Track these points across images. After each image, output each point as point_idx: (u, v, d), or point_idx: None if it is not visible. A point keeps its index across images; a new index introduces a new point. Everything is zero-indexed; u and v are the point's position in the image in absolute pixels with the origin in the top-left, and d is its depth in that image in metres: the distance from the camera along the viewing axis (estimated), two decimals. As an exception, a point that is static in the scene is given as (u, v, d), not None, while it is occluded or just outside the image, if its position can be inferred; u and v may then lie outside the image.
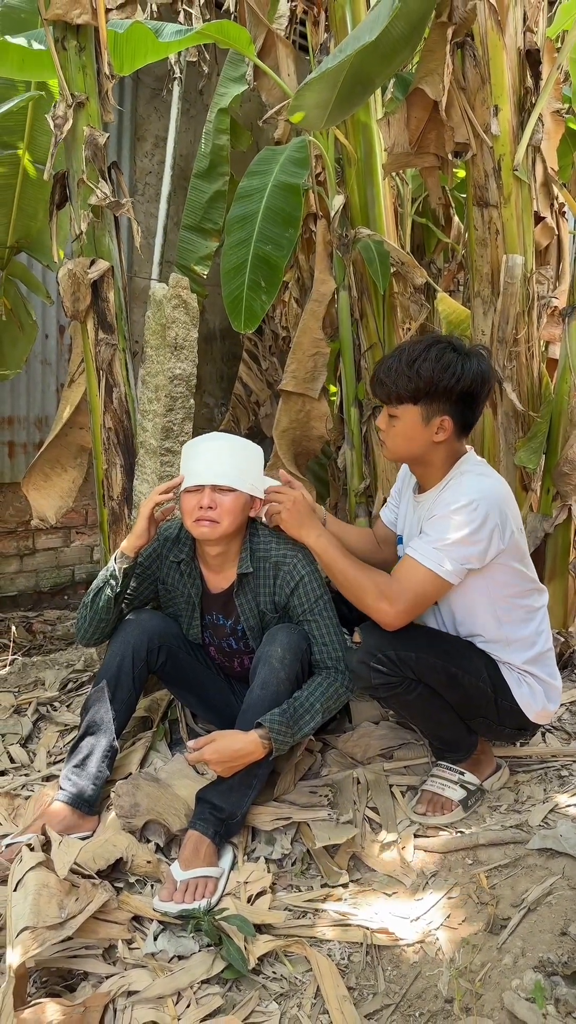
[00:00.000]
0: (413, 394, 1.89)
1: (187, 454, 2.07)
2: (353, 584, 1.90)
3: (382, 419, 1.99)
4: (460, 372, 1.87)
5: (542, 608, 2.02)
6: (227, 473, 1.99)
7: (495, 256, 2.79)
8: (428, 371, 1.87)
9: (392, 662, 1.87)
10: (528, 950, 1.55)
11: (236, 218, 2.88)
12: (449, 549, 1.83)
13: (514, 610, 1.96)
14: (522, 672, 1.97)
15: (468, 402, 1.93)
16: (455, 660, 1.91)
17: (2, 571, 4.34)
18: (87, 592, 2.16)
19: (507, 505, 1.90)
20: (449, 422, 1.92)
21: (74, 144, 2.62)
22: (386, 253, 3.09)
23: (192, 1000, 1.54)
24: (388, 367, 1.92)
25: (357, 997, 1.55)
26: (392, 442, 1.98)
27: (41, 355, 4.30)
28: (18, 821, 2.07)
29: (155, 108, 4.66)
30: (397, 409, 1.93)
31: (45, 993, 1.54)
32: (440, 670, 1.89)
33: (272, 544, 2.09)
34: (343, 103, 2.48)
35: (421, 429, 1.92)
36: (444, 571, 1.83)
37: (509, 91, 2.75)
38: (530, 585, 1.98)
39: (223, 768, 1.87)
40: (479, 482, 1.90)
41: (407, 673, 1.88)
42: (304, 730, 1.95)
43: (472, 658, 1.95)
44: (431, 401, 1.90)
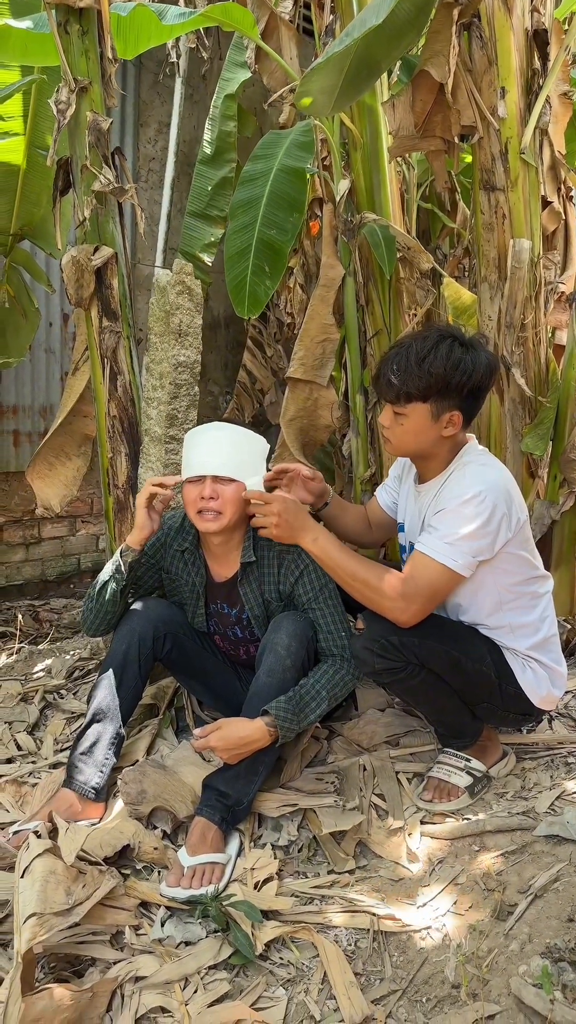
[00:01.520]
0: (424, 393, 1.86)
1: (188, 444, 2.05)
2: (362, 585, 1.87)
3: (386, 416, 1.95)
4: (471, 368, 1.85)
5: (547, 594, 2.01)
6: (228, 464, 1.98)
7: (502, 241, 2.77)
8: (439, 369, 1.83)
9: (395, 648, 1.87)
10: (535, 936, 1.55)
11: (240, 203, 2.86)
12: (461, 543, 1.82)
13: (519, 597, 1.95)
14: (526, 658, 1.96)
15: (477, 395, 1.91)
16: (458, 646, 1.91)
17: (8, 560, 4.34)
18: (92, 584, 2.16)
19: (512, 493, 1.88)
20: (459, 416, 1.90)
21: (77, 130, 2.60)
22: (392, 238, 3.07)
23: (199, 985, 1.54)
24: (397, 367, 1.87)
25: (364, 983, 1.55)
26: (399, 440, 1.95)
27: (45, 344, 4.29)
28: (25, 808, 2.08)
29: (158, 94, 4.63)
30: (406, 408, 1.89)
31: (53, 978, 1.55)
32: (443, 655, 1.89)
33: None
34: (350, 88, 2.45)
35: (430, 426, 1.90)
36: (457, 565, 1.82)
37: (516, 73, 2.72)
38: (535, 572, 1.97)
39: (229, 755, 1.87)
40: (484, 472, 1.88)
41: (410, 658, 1.88)
42: (310, 717, 1.95)
43: (476, 644, 1.94)
44: (441, 398, 1.87)
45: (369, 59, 2.36)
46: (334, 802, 2.00)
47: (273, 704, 1.89)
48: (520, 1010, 1.42)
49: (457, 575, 1.83)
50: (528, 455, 2.78)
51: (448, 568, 1.82)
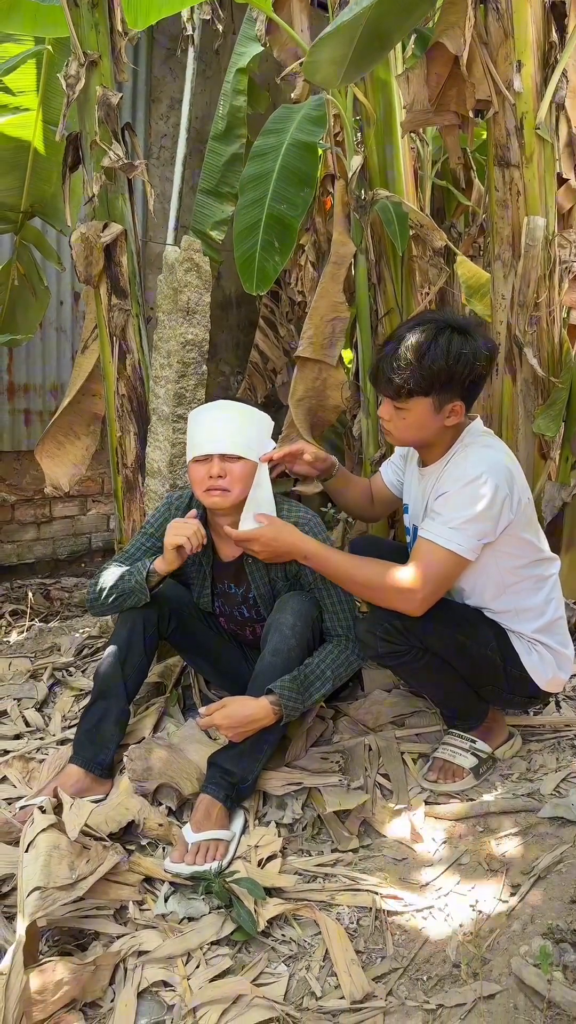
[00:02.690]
0: (426, 389, 1.83)
1: (193, 423, 2.04)
2: (363, 586, 1.86)
3: (385, 410, 1.92)
4: (472, 359, 1.81)
5: (552, 577, 1.98)
6: (234, 441, 1.97)
7: (516, 218, 2.73)
8: (441, 364, 1.80)
9: (399, 631, 1.86)
10: (537, 917, 1.55)
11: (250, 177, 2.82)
12: (465, 527, 1.79)
13: (523, 579, 1.93)
14: (532, 641, 1.95)
15: (478, 383, 1.88)
16: (463, 629, 1.90)
17: (20, 539, 4.36)
18: (98, 576, 2.14)
19: (514, 474, 1.86)
20: (461, 406, 1.87)
21: (87, 104, 2.58)
22: (405, 215, 3.03)
23: (202, 960, 1.55)
24: (394, 364, 1.83)
25: (365, 960, 1.56)
26: (401, 433, 1.93)
27: (56, 322, 4.28)
28: (32, 784, 2.09)
29: (170, 69, 4.58)
30: (407, 403, 1.86)
31: (57, 952, 1.56)
32: (448, 639, 1.88)
33: (284, 510, 2.08)
34: (360, 59, 2.41)
35: (433, 418, 1.87)
36: (462, 549, 1.79)
37: (533, 46, 2.67)
38: (539, 555, 1.95)
39: (234, 733, 1.88)
40: (485, 454, 1.86)
41: (414, 642, 1.87)
42: (314, 696, 1.95)
43: (480, 627, 1.93)
44: (443, 391, 1.84)
45: (380, 29, 2.31)
46: (339, 781, 2.01)
47: (278, 683, 1.89)
48: (520, 990, 1.42)
49: (463, 559, 1.81)
50: (540, 436, 2.76)
51: (454, 553, 1.80)
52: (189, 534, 1.98)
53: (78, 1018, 1.43)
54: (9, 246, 3.69)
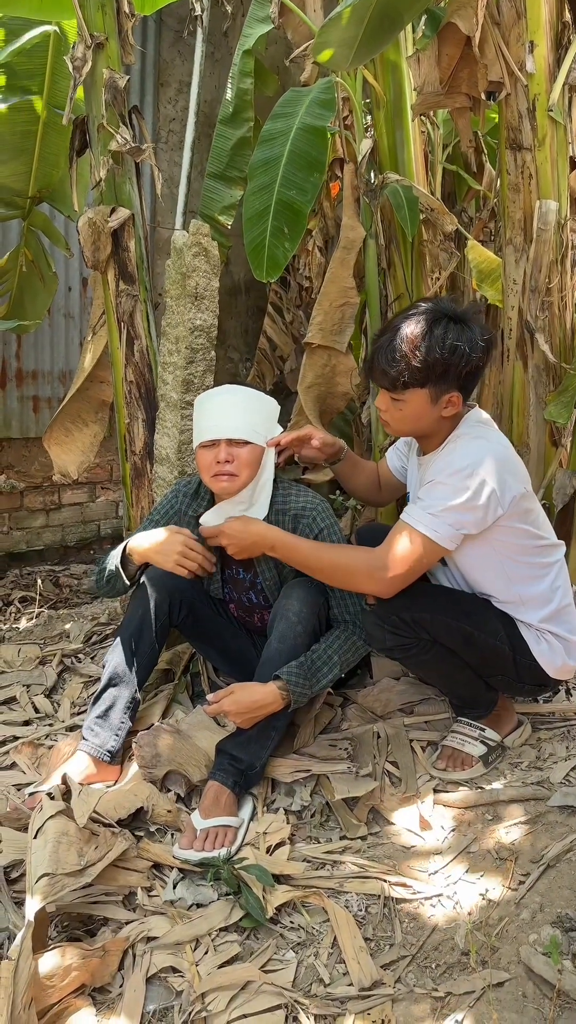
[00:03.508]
0: (421, 381, 1.81)
1: (199, 409, 2.04)
2: (332, 569, 1.87)
3: (382, 400, 1.91)
4: (468, 351, 1.79)
5: (555, 564, 1.96)
6: (241, 426, 1.97)
7: (528, 202, 2.69)
8: (436, 356, 1.78)
9: (407, 624, 1.85)
10: (546, 906, 1.55)
11: (259, 162, 2.79)
12: (444, 515, 1.78)
13: (524, 568, 1.91)
14: (540, 630, 1.93)
15: (475, 374, 1.86)
16: (471, 620, 1.88)
17: (29, 526, 4.37)
18: (99, 571, 2.15)
19: (506, 468, 1.82)
20: (458, 397, 1.85)
21: (93, 87, 2.55)
22: (415, 199, 3.00)
23: (210, 947, 1.55)
24: (390, 356, 1.81)
25: (374, 948, 1.56)
26: (398, 424, 1.92)
27: (65, 309, 4.27)
28: (41, 770, 2.10)
29: (179, 52, 4.53)
30: (403, 394, 1.84)
31: (66, 937, 1.57)
32: (456, 631, 1.87)
33: (292, 495, 2.07)
34: (370, 40, 2.37)
35: (429, 409, 1.86)
36: (438, 536, 1.79)
37: (546, 26, 2.62)
38: (539, 542, 1.92)
39: (242, 719, 1.88)
40: (474, 446, 1.84)
41: (422, 634, 1.86)
42: (322, 682, 1.96)
43: (488, 617, 1.91)
44: (440, 382, 1.82)
45: (391, 10, 2.27)
46: (347, 769, 2.00)
47: (285, 669, 1.89)
48: (529, 978, 1.42)
49: (438, 546, 1.80)
50: (551, 423, 2.73)
51: (429, 539, 1.79)
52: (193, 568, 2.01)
53: (87, 1003, 1.44)
54: (17, 232, 3.67)
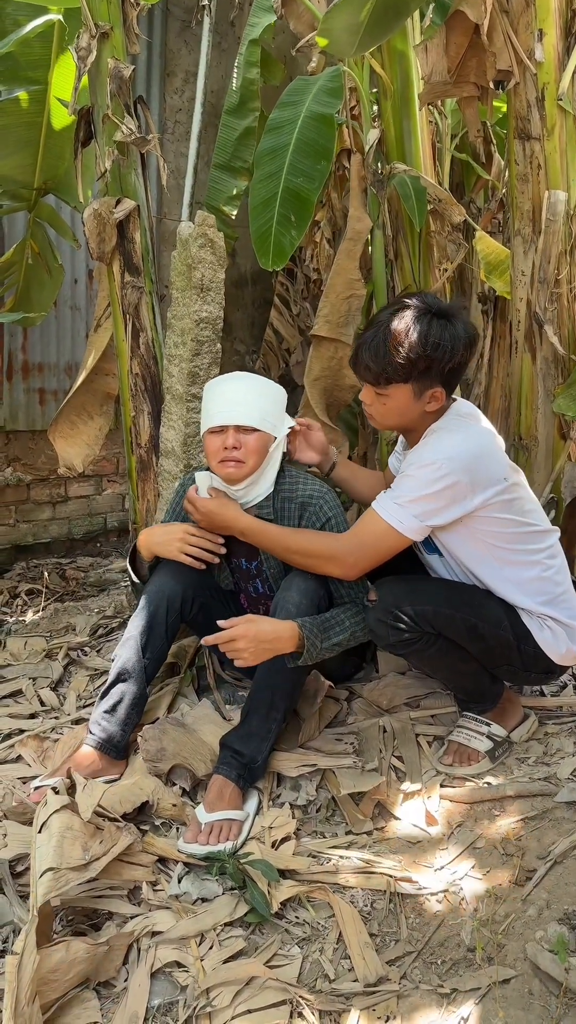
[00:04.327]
0: (404, 376, 1.83)
1: (208, 394, 2.04)
2: (299, 550, 1.94)
3: (367, 394, 1.93)
4: (451, 347, 1.81)
5: (548, 550, 1.95)
6: (250, 413, 1.97)
7: (537, 192, 2.66)
8: (418, 352, 1.79)
9: (410, 618, 1.84)
10: (553, 902, 1.54)
11: (266, 150, 2.77)
12: (409, 506, 1.82)
13: (514, 554, 1.91)
14: (541, 616, 1.92)
15: (458, 370, 1.87)
16: (474, 611, 1.88)
17: (36, 518, 4.37)
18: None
19: (481, 463, 1.83)
20: (441, 392, 1.87)
21: (98, 77, 2.54)
22: (423, 189, 2.97)
23: (215, 942, 1.55)
24: (373, 351, 1.83)
25: (379, 943, 1.55)
26: (383, 418, 1.94)
27: (71, 301, 4.26)
28: (47, 764, 2.10)
29: (185, 42, 4.51)
30: (387, 389, 1.87)
31: (70, 932, 1.57)
32: (459, 622, 1.86)
33: (299, 483, 2.07)
34: (375, 27, 2.35)
35: (413, 403, 1.88)
36: (403, 527, 1.82)
37: (555, 14, 2.59)
38: (527, 529, 1.91)
39: (252, 649, 1.83)
40: (448, 440, 1.84)
41: (426, 628, 1.85)
42: (333, 639, 1.95)
43: (491, 607, 1.91)
44: (423, 378, 1.84)
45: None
46: (353, 763, 2.00)
47: (299, 620, 1.89)
48: (535, 975, 1.41)
49: (402, 536, 1.84)
50: (560, 416, 2.71)
51: (393, 528, 1.83)
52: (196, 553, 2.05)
53: (91, 997, 1.44)
54: (23, 224, 3.66)
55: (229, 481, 2.01)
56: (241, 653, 1.84)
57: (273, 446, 2.03)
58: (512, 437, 2.79)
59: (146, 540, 2.11)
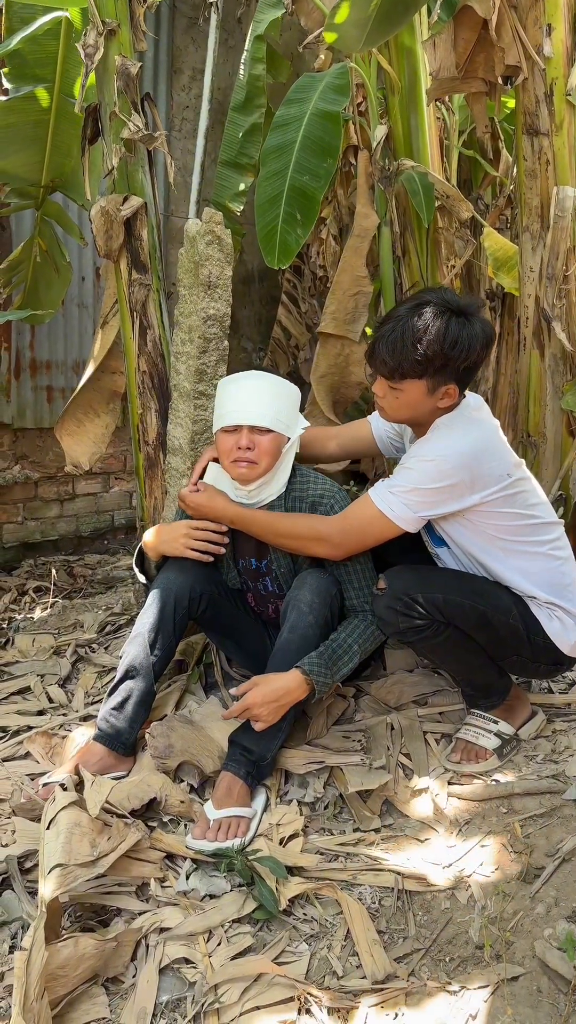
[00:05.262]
0: (420, 372, 1.83)
1: (223, 392, 2.03)
2: (287, 533, 1.97)
3: (380, 387, 1.93)
4: (467, 346, 1.80)
5: (554, 542, 1.95)
6: (265, 414, 1.96)
7: (545, 188, 2.65)
8: (436, 349, 1.79)
9: (419, 605, 1.84)
10: (562, 900, 1.53)
11: (272, 148, 2.76)
12: (403, 496, 1.84)
13: (519, 545, 1.92)
14: (550, 606, 1.92)
15: (473, 368, 1.88)
16: (483, 599, 1.88)
17: (44, 515, 4.38)
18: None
19: (483, 462, 1.83)
20: (454, 389, 1.87)
21: (105, 74, 2.53)
22: (430, 186, 2.96)
23: (223, 938, 1.55)
24: (391, 345, 1.82)
25: (387, 941, 1.55)
26: (394, 411, 1.94)
27: (78, 298, 4.26)
28: (55, 760, 2.10)
29: (192, 39, 4.50)
30: (401, 384, 1.86)
31: (79, 928, 1.57)
32: (468, 610, 1.86)
33: (310, 483, 2.06)
34: (383, 22, 2.34)
35: (425, 399, 1.87)
36: (394, 515, 1.84)
37: (564, 9, 2.58)
38: (531, 521, 1.92)
39: (269, 710, 1.84)
40: (453, 437, 1.85)
41: (435, 616, 1.85)
42: (343, 671, 1.96)
43: (500, 596, 1.91)
44: (438, 375, 1.83)
45: (406, -8, 2.25)
46: (361, 760, 1.99)
47: (306, 660, 1.88)
48: (544, 973, 1.41)
49: (393, 525, 1.86)
50: (568, 413, 2.70)
51: (384, 515, 1.85)
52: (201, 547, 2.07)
53: (100, 993, 1.44)
54: (31, 222, 3.66)
55: (242, 481, 2.01)
56: (259, 717, 1.85)
57: (286, 447, 2.02)
58: (520, 434, 2.79)
59: (152, 541, 2.13)
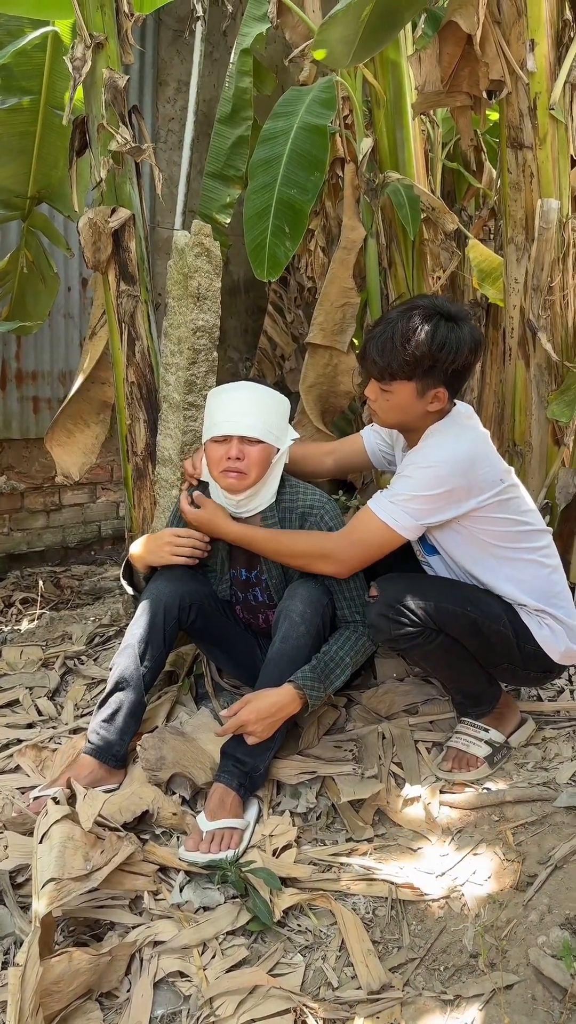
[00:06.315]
0: (408, 373, 1.86)
1: (213, 402, 2.04)
2: (291, 551, 1.97)
3: (371, 390, 1.96)
4: (456, 348, 1.84)
5: (544, 549, 1.99)
6: (255, 424, 1.97)
7: (529, 200, 2.68)
8: (424, 349, 1.83)
9: (411, 612, 1.86)
10: (555, 907, 1.54)
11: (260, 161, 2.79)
12: (405, 504, 1.85)
13: (512, 551, 1.94)
14: (540, 614, 1.94)
15: (462, 373, 1.91)
16: (474, 607, 1.90)
17: (30, 526, 4.36)
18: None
19: (478, 467, 1.87)
20: (444, 392, 1.90)
21: (93, 87, 2.54)
22: (416, 198, 2.99)
23: (217, 951, 1.55)
24: (380, 346, 1.87)
25: (382, 951, 1.55)
26: (385, 414, 1.97)
27: (64, 309, 4.25)
28: (45, 773, 2.09)
29: (177, 51, 4.52)
30: (391, 385, 1.89)
31: (72, 942, 1.56)
32: (461, 618, 1.88)
33: (300, 493, 2.07)
34: (370, 39, 2.36)
35: (416, 402, 1.90)
36: (397, 525, 1.86)
37: (546, 24, 2.61)
38: (523, 528, 1.95)
39: (263, 726, 1.85)
40: (446, 443, 1.89)
41: (427, 623, 1.87)
42: (335, 684, 1.97)
43: (491, 604, 1.93)
44: (426, 376, 1.87)
45: (391, 7, 2.27)
46: (353, 770, 2.00)
47: (299, 674, 1.89)
48: (539, 980, 1.41)
49: (396, 535, 1.87)
50: (554, 422, 2.72)
51: (387, 526, 1.86)
52: (186, 553, 2.08)
53: (94, 1008, 1.43)
54: (17, 233, 3.66)
55: (231, 491, 2.01)
56: (253, 733, 1.86)
57: (276, 458, 2.03)
58: (506, 443, 2.81)
59: (138, 552, 2.14)
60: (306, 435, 3.06)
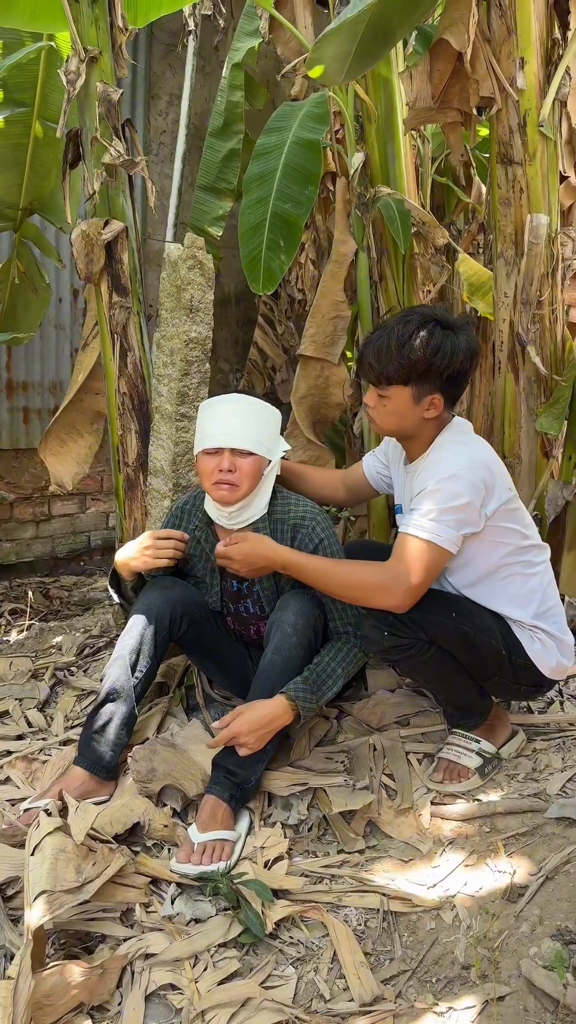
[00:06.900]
0: (404, 377, 1.88)
1: (205, 414, 2.04)
2: (345, 584, 1.88)
3: (370, 397, 1.98)
4: (451, 353, 1.86)
5: (542, 564, 2.01)
6: (247, 436, 1.97)
7: (519, 216, 2.71)
8: (419, 354, 1.85)
9: (404, 624, 1.86)
10: (546, 918, 1.55)
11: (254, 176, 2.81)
12: (443, 517, 1.83)
13: (512, 566, 1.95)
14: (532, 628, 1.96)
15: (458, 379, 1.93)
16: (467, 620, 1.91)
17: (19, 537, 4.35)
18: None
19: (492, 470, 1.90)
20: (440, 399, 1.92)
21: (87, 101, 2.56)
22: (407, 212, 3.02)
23: (209, 963, 1.54)
24: (377, 350, 1.89)
25: (374, 962, 1.55)
26: (383, 420, 1.98)
27: (55, 319, 4.26)
28: (36, 785, 2.08)
29: (169, 65, 4.56)
30: (387, 390, 1.92)
31: (64, 955, 1.55)
32: (452, 630, 1.89)
33: (291, 505, 2.08)
34: (363, 56, 2.39)
35: (412, 407, 1.92)
36: (442, 540, 1.83)
37: (536, 43, 2.65)
38: (526, 542, 1.97)
39: (255, 738, 1.85)
40: (461, 451, 1.91)
41: (419, 635, 1.87)
42: (328, 695, 1.97)
43: (483, 617, 1.94)
44: (422, 382, 1.89)
45: (384, 25, 2.30)
46: (344, 781, 2.00)
47: (291, 686, 1.89)
48: (531, 992, 1.42)
49: (444, 550, 1.84)
50: (543, 435, 2.75)
51: (434, 544, 1.82)
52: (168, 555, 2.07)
53: (86, 1021, 1.42)
54: (8, 244, 3.67)
55: (222, 503, 2.02)
56: (245, 745, 1.86)
57: (267, 469, 2.04)
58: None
59: (121, 560, 2.13)
60: (297, 446, 3.07)
